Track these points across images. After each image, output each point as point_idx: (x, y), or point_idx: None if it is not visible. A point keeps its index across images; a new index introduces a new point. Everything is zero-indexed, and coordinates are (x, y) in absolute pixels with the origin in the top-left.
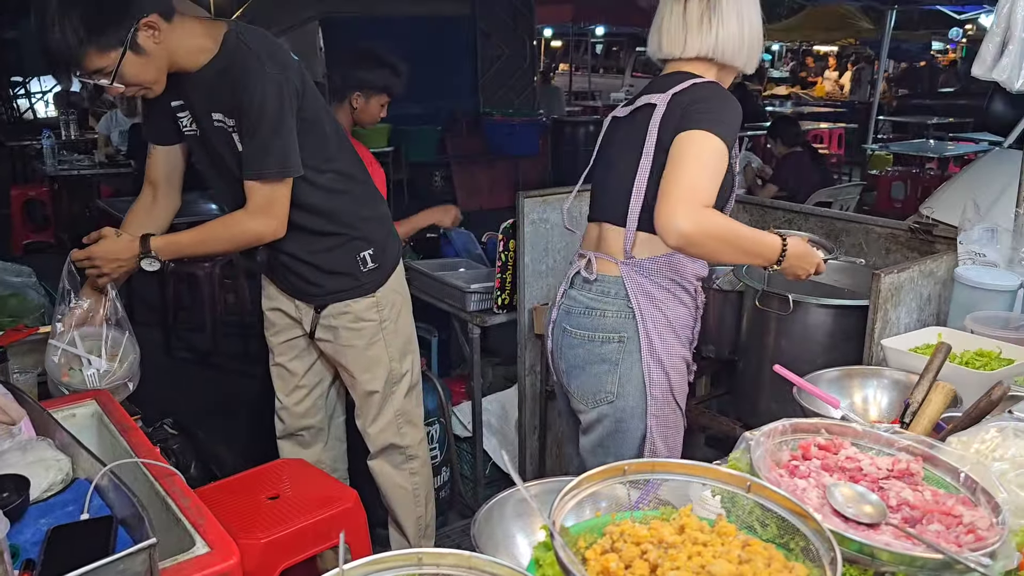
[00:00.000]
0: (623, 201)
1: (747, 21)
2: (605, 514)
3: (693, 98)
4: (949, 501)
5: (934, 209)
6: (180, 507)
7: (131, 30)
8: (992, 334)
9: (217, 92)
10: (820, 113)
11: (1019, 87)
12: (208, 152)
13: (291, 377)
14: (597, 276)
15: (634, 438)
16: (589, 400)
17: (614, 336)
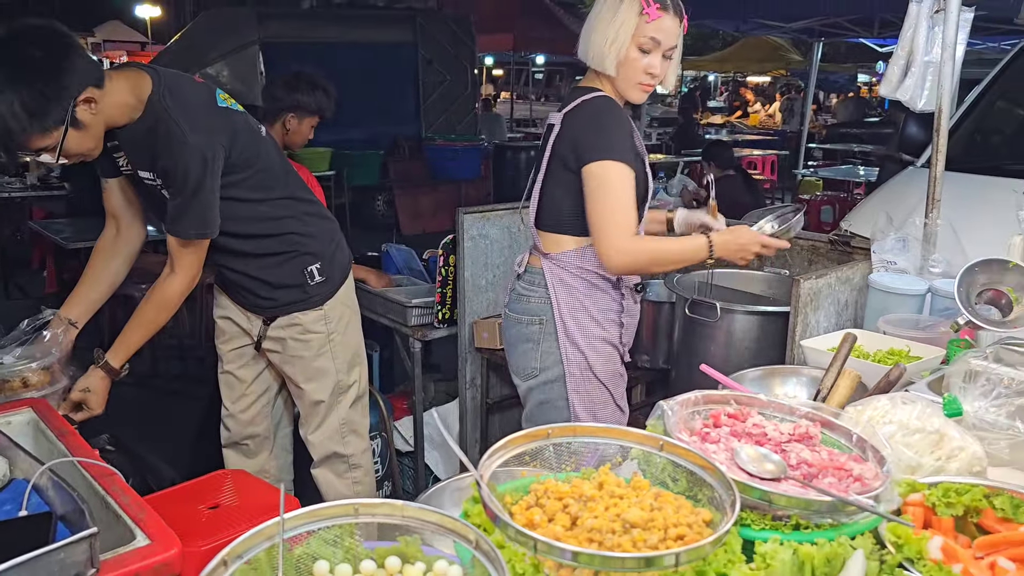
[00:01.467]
0: (533, 205)
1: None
2: (531, 476)
3: (580, 124)
4: (842, 458)
5: (852, 223)
6: (120, 504)
7: (70, 108)
8: (902, 334)
9: (143, 152)
10: (754, 141)
11: (921, 107)
12: (140, 189)
13: (239, 384)
14: (526, 268)
15: (560, 410)
16: (521, 374)
17: (536, 319)
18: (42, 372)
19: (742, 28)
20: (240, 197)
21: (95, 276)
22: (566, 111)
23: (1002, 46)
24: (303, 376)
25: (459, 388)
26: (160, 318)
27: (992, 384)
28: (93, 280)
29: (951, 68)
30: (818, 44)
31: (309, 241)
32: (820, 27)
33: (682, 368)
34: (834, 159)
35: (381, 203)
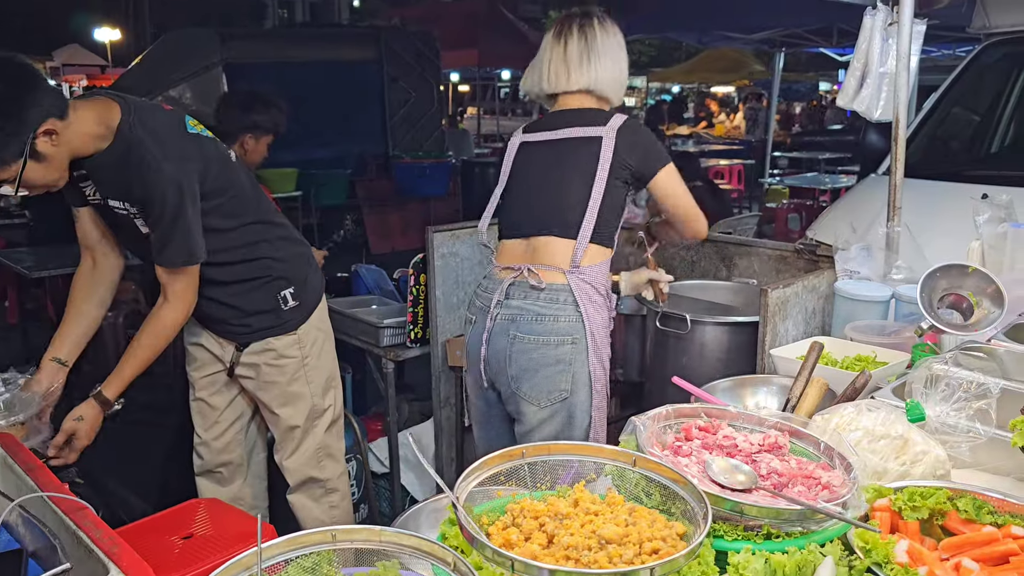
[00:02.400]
0: (573, 217)
1: (617, 63)
2: (507, 496)
3: (639, 138)
4: (811, 467)
5: (817, 232)
6: (92, 538)
7: (29, 141)
8: (869, 340)
9: (115, 182)
10: (720, 151)
11: (877, 116)
12: (111, 220)
13: (211, 412)
14: (546, 285)
15: (581, 429)
16: (543, 399)
17: (568, 339)
18: (20, 427)
19: (704, 40)
20: (212, 226)
21: (77, 312)
22: (618, 127)
23: (957, 53)
24: (278, 402)
25: (434, 408)
26: (156, 348)
27: (952, 388)
28: (76, 316)
29: (906, 78)
30: (779, 54)
31: (282, 266)
32: (780, 38)
33: (655, 381)
34: (799, 167)
35: (350, 222)
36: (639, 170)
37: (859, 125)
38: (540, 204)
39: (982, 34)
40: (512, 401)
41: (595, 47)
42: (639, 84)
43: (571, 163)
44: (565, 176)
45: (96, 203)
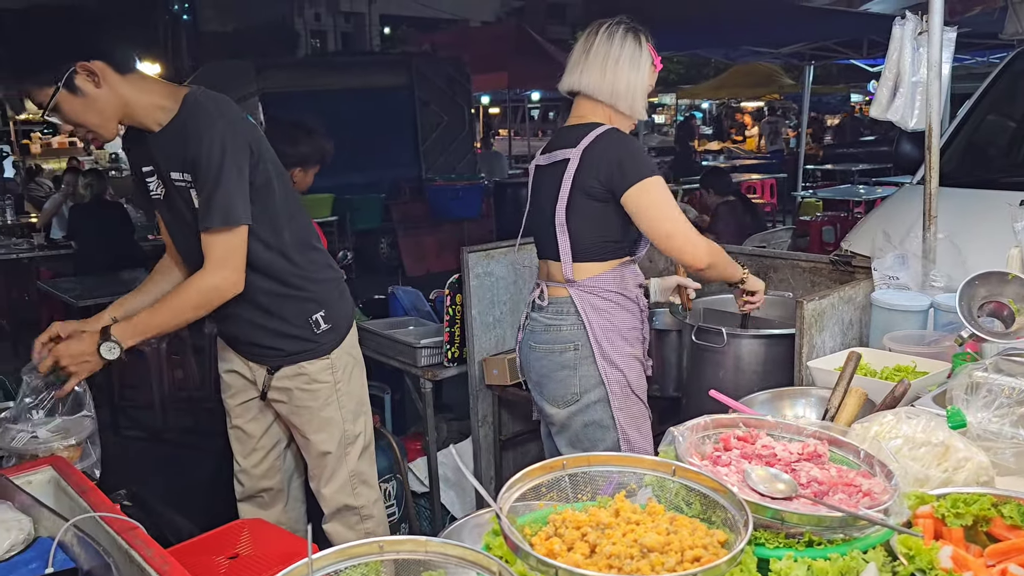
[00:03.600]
0: (551, 240)
1: (613, 70)
2: (548, 507)
3: (608, 155)
4: (851, 475)
5: (852, 243)
6: (144, 557)
7: (67, 71)
8: (908, 351)
9: (174, 149)
10: (752, 165)
11: (912, 126)
12: (173, 214)
13: (248, 439)
14: (549, 300)
15: (604, 429)
16: (559, 401)
17: (570, 345)
18: (73, 448)
19: (732, 56)
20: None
21: (154, 284)
22: (584, 146)
23: (990, 60)
24: (310, 427)
25: (472, 426)
26: (181, 311)
27: (994, 395)
28: (146, 292)
29: (938, 87)
30: (809, 67)
31: (315, 287)
32: (809, 51)
33: (692, 395)
34: (833, 179)
35: (385, 246)
36: (608, 185)
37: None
38: (539, 228)
39: (1015, 40)
40: (540, 406)
41: (591, 51)
42: (668, 101)
43: (549, 186)
44: (546, 200)
45: (158, 199)
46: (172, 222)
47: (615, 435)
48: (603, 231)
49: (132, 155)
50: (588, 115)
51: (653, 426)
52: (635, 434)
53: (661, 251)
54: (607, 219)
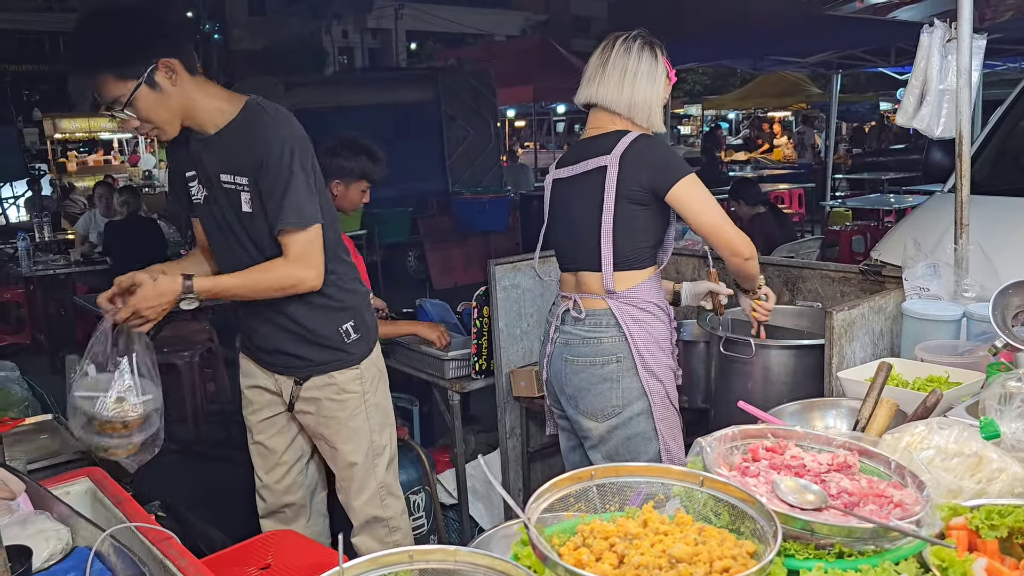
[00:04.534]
0: (592, 250)
1: (630, 83)
2: (576, 517)
3: (646, 157)
4: (882, 485)
5: (882, 252)
6: (178, 566)
7: (151, 66)
8: (941, 361)
9: (231, 152)
10: (779, 175)
11: (939, 133)
12: (213, 218)
13: (271, 455)
14: (587, 313)
15: (647, 440)
16: (599, 415)
17: (612, 358)
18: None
19: (759, 66)
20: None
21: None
22: (620, 152)
23: (1022, 66)
24: (338, 437)
25: (500, 438)
26: (261, 285)
27: None
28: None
29: (968, 94)
30: (836, 76)
31: (346, 297)
32: (837, 60)
33: (721, 407)
34: (862, 188)
35: (412, 259)
36: (652, 187)
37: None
38: (569, 240)
39: None
40: (575, 420)
41: (608, 63)
42: (694, 112)
43: (584, 197)
44: (581, 211)
45: (198, 203)
46: (212, 226)
47: (657, 446)
48: (644, 236)
49: (175, 160)
50: (607, 126)
51: (683, 436)
52: (673, 444)
53: (710, 243)
54: (648, 223)
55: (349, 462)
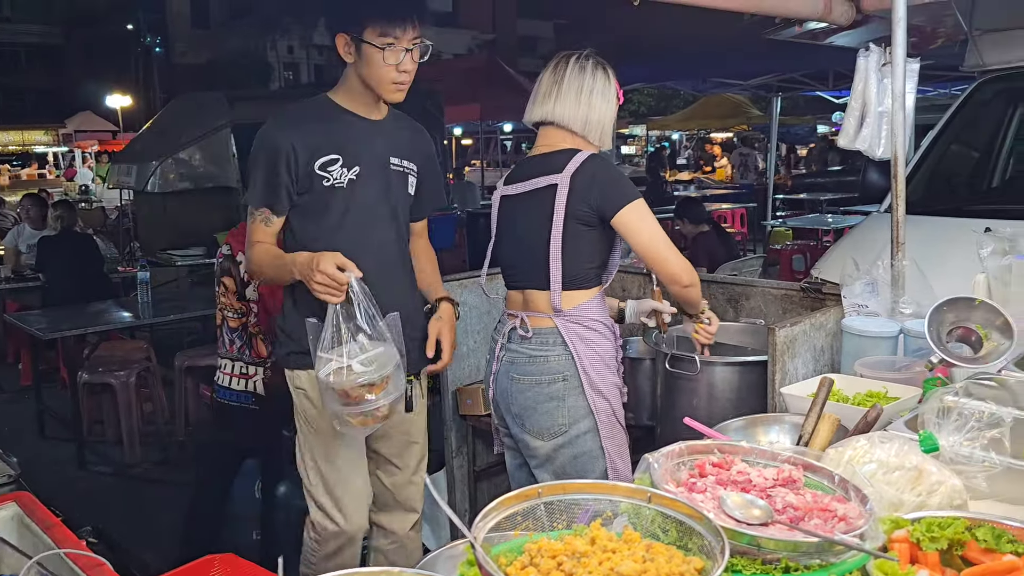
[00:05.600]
0: (540, 269)
1: (586, 101)
2: (524, 536)
3: (596, 178)
4: (826, 499)
5: (822, 270)
6: None
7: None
8: (879, 376)
9: (398, 139)
10: (722, 195)
11: (880, 155)
12: (365, 200)
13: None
14: (533, 331)
15: (594, 459)
16: (545, 434)
17: (558, 376)
18: (383, 382)
19: (701, 88)
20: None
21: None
22: (572, 171)
23: (952, 92)
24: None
25: (446, 457)
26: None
27: (965, 418)
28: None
29: (903, 117)
30: (776, 99)
31: None
32: (777, 83)
33: (667, 423)
34: (801, 208)
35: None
36: (599, 209)
37: (859, 165)
38: (517, 258)
39: (976, 72)
40: (521, 439)
41: (563, 81)
42: (639, 132)
43: (534, 215)
44: (529, 229)
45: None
46: (358, 208)
47: (604, 464)
48: (591, 256)
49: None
50: (558, 144)
51: (629, 453)
52: (620, 462)
53: (651, 269)
54: (595, 244)
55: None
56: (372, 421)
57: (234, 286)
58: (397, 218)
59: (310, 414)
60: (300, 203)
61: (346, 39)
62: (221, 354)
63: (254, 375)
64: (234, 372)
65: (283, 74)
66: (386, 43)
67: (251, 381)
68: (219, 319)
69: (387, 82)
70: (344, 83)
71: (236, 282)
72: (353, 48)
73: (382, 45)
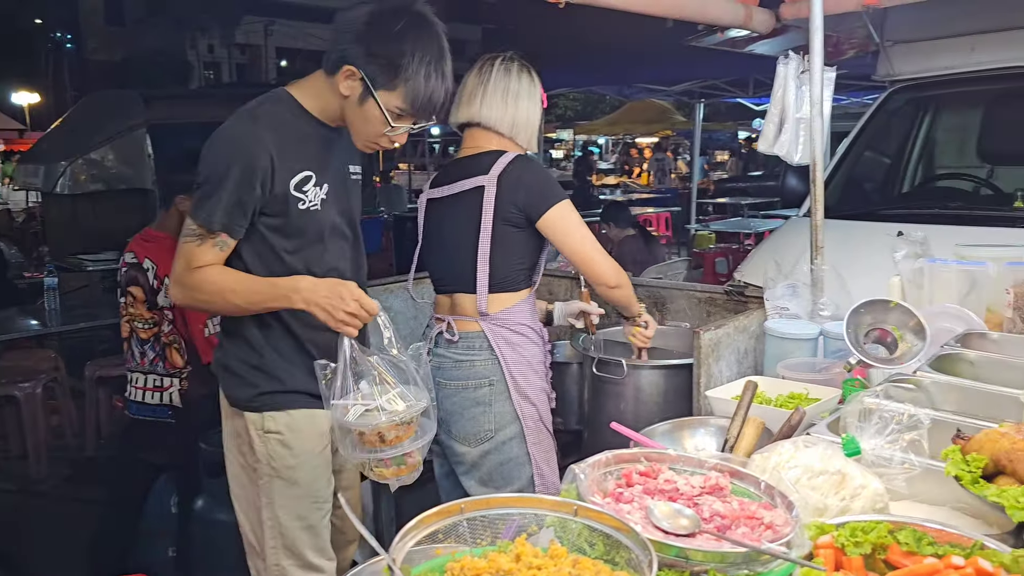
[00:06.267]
0: (468, 272)
1: (513, 103)
2: (446, 554)
3: (523, 179)
4: (753, 507)
5: (744, 273)
6: None
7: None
8: (800, 378)
9: (348, 145)
10: (647, 199)
11: (798, 160)
12: (336, 217)
13: None
14: (460, 335)
15: (520, 465)
16: (472, 440)
17: (485, 381)
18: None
19: (626, 92)
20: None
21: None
22: (498, 173)
23: (864, 100)
24: None
25: None
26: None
27: (885, 421)
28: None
29: (820, 123)
30: (699, 105)
31: None
32: (700, 89)
33: (594, 428)
34: (724, 213)
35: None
36: (526, 211)
37: (779, 170)
38: (444, 262)
39: (887, 81)
40: (447, 445)
41: (488, 83)
42: (566, 137)
43: (461, 218)
44: (456, 232)
45: (313, 209)
46: (328, 226)
47: (530, 470)
48: (520, 258)
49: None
50: (484, 145)
51: (556, 459)
52: (547, 468)
53: (578, 270)
54: (523, 246)
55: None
56: (404, 471)
57: (143, 295)
58: (358, 232)
59: (285, 463)
60: (268, 224)
61: (354, 74)
62: (131, 368)
63: (169, 387)
64: (147, 386)
65: (204, 73)
66: (398, 118)
67: (167, 394)
68: (126, 331)
69: (369, 140)
70: (316, 89)
71: (145, 290)
72: (358, 92)
73: (393, 120)
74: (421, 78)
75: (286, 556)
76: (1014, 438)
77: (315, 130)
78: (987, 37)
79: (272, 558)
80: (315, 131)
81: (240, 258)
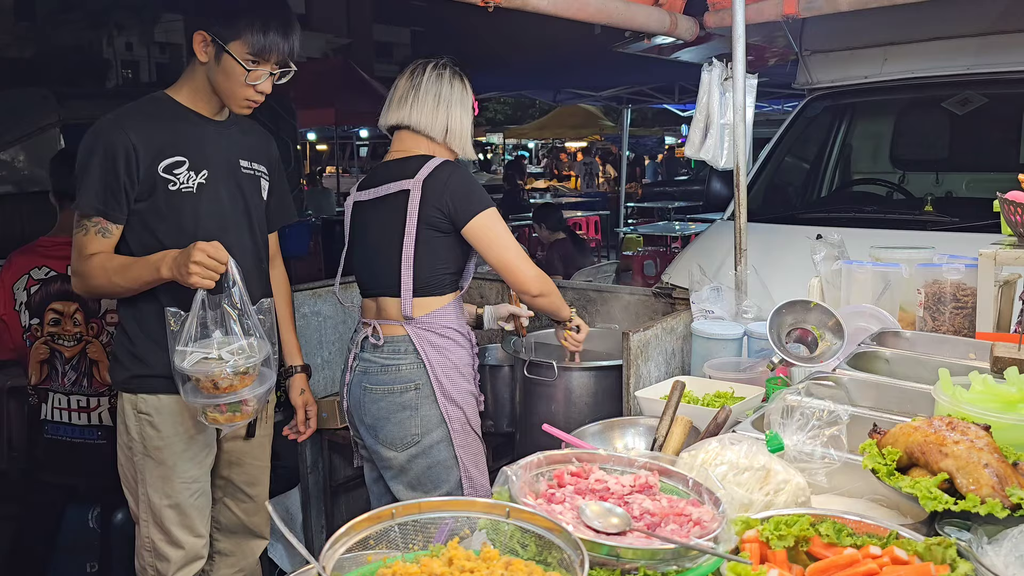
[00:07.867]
0: (394, 275)
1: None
2: (378, 560)
3: (449, 185)
4: (681, 504)
5: (671, 276)
6: None
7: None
8: (726, 377)
9: (244, 140)
10: (576, 203)
11: (723, 165)
12: (219, 205)
13: None
14: (385, 339)
15: (448, 468)
16: (399, 444)
17: (410, 385)
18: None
19: (557, 98)
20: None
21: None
22: (424, 177)
23: (784, 108)
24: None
25: (300, 473)
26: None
27: (806, 417)
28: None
29: (743, 129)
30: (627, 110)
31: None
32: (627, 95)
33: (526, 429)
34: (651, 216)
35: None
36: (451, 216)
37: (704, 175)
38: (370, 265)
39: (806, 89)
40: (374, 450)
41: (420, 88)
42: (496, 141)
43: (386, 221)
44: (382, 236)
45: (187, 190)
46: (211, 214)
47: (458, 474)
48: (446, 263)
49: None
50: (413, 149)
51: (488, 462)
52: (475, 471)
53: (504, 279)
54: (448, 250)
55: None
56: (239, 418)
57: (71, 310)
58: (252, 224)
59: (152, 443)
60: (141, 210)
61: (206, 39)
62: (52, 388)
63: (97, 407)
64: (71, 407)
65: (121, 72)
66: (252, 63)
67: (95, 413)
68: (44, 353)
69: (240, 98)
70: (190, 81)
71: (81, 302)
72: (212, 51)
73: (247, 65)
74: (258, 20)
75: (156, 530)
76: (926, 431)
77: (192, 122)
78: (899, 48)
79: (143, 531)
80: (192, 123)
81: (127, 245)
